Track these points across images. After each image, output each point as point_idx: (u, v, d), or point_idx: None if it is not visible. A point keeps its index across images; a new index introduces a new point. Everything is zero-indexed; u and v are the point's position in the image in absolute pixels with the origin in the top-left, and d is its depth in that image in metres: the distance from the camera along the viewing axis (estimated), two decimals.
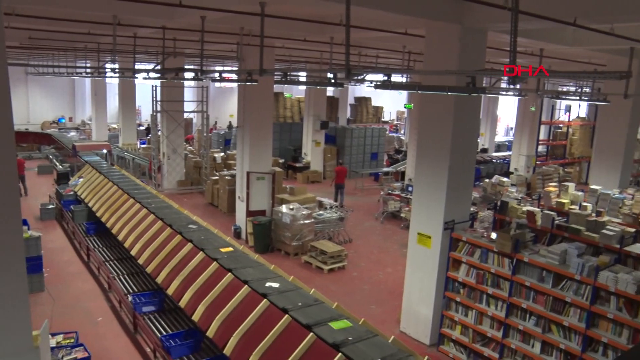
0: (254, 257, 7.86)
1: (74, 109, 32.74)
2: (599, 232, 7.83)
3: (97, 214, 11.74)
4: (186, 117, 21.83)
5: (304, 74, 21.76)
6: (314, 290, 6.63)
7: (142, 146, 25.54)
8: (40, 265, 10.07)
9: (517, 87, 14.79)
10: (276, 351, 5.59)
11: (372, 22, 8.68)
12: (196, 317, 6.78)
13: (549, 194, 10.52)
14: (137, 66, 15.45)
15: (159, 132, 18.76)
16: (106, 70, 14.84)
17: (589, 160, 19.86)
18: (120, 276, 10.09)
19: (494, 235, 7.68)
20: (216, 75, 14.65)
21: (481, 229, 8.55)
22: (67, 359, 7.14)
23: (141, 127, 30.86)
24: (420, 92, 6.65)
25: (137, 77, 15.97)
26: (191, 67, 19.52)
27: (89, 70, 18.36)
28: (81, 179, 14.84)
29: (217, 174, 17.66)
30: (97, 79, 25.46)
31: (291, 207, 12.84)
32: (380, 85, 6.26)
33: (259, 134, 13.36)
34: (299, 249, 12.61)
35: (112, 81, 28.35)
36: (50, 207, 15.03)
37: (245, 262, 7.50)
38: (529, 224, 8.12)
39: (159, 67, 12.57)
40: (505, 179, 17.18)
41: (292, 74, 10.68)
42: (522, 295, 7.13)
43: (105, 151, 18.76)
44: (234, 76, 16.53)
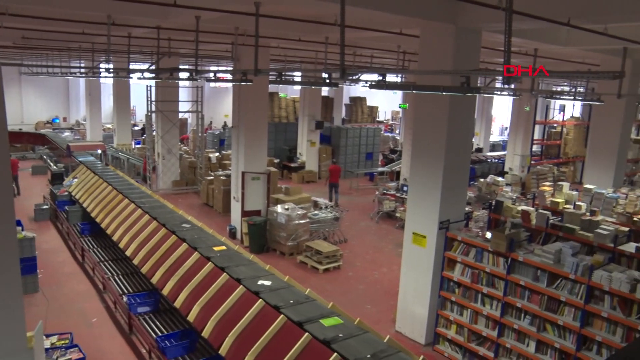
0: (249, 256, 7.85)
1: (68, 109, 32.59)
2: (593, 232, 7.90)
3: (92, 215, 11.70)
4: (181, 117, 21.82)
5: (298, 74, 21.78)
6: (309, 290, 6.64)
7: (137, 146, 25.46)
8: (34, 266, 10.03)
9: (511, 87, 14.87)
10: (271, 351, 5.59)
11: (367, 22, 8.69)
12: (191, 317, 6.77)
13: (543, 194, 10.58)
14: (132, 66, 15.41)
15: (154, 132, 18.71)
16: (100, 70, 14.75)
17: (583, 159, 19.89)
18: (115, 277, 10.06)
19: (488, 234, 7.70)
20: (211, 75, 14.56)
21: (476, 229, 8.59)
22: None
23: (136, 127, 30.71)
24: (415, 92, 6.66)
25: (131, 77, 15.91)
26: (186, 67, 19.44)
27: (83, 70, 18.31)
28: (75, 180, 14.77)
29: (212, 174, 17.60)
30: (92, 79, 25.34)
31: (286, 207, 12.83)
32: (375, 85, 6.26)
33: (254, 134, 13.35)
34: (294, 249, 12.61)
35: (107, 81, 28.26)
36: (44, 207, 14.96)
37: (238, 261, 7.55)
38: (523, 224, 8.15)
39: (153, 67, 12.51)
40: (500, 179, 17.20)
41: (287, 74, 10.69)
42: (517, 294, 7.16)
43: (99, 151, 18.66)
44: (229, 76, 16.50)
